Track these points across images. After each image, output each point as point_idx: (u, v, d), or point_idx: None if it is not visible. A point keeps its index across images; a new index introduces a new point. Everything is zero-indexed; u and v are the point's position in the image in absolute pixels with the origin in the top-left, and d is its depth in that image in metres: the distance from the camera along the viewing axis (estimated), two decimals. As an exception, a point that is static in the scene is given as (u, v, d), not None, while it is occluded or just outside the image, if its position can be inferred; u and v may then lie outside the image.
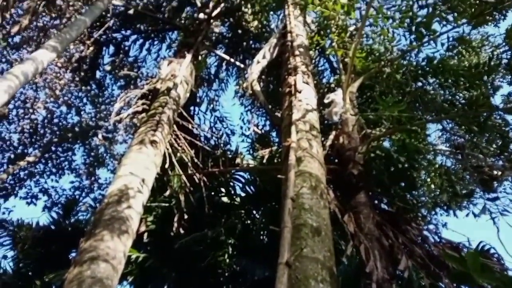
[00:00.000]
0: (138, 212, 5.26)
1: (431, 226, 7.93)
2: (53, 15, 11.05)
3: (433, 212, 9.77)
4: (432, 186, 9.44)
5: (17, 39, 12.31)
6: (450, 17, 6.85)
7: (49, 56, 5.94)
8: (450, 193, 9.23)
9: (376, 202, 6.79)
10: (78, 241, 4.74)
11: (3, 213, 14.07)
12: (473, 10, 7.30)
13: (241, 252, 7.47)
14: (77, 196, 15.00)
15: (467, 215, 8.96)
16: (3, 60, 13.21)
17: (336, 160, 7.14)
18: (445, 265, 5.52)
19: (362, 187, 6.20)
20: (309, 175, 4.50)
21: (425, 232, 6.54)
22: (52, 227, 10.03)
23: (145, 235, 7.58)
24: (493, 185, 9.29)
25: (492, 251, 6.29)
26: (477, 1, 7.01)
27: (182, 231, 7.55)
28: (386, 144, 8.51)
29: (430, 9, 6.10)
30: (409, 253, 5.59)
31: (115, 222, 4.76)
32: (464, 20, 7.33)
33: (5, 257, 9.88)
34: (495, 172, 9.27)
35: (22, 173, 15.01)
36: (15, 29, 8.68)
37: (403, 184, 6.95)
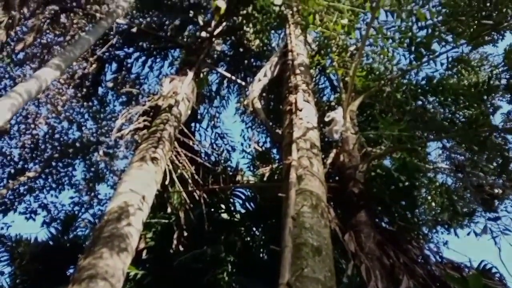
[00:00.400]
0: (138, 229, 5.23)
1: (432, 245, 7.89)
2: (57, 32, 11.21)
3: (434, 231, 9.74)
4: (433, 204, 9.42)
5: (20, 55, 12.46)
6: (449, 38, 6.95)
7: (52, 74, 6.01)
8: (450, 212, 9.21)
9: (376, 220, 6.77)
10: (76, 257, 4.72)
11: (2, 228, 13.99)
12: (471, 30, 7.40)
13: (241, 269, 7.40)
14: (76, 212, 14.95)
15: (468, 234, 8.93)
16: (6, 76, 13.33)
17: (337, 178, 7.15)
18: (447, 285, 5.47)
19: (362, 206, 6.20)
20: (309, 194, 4.51)
21: (427, 252, 6.50)
22: (51, 242, 9.95)
23: (144, 252, 7.53)
24: (494, 203, 9.28)
25: (494, 270, 6.25)
26: (476, 23, 7.12)
27: (181, 248, 7.50)
28: (387, 162, 8.54)
29: (429, 30, 6.18)
30: (410, 273, 5.54)
31: (115, 240, 4.73)
32: (463, 41, 7.43)
33: (2, 273, 9.79)
34: (496, 191, 9.27)
35: (21, 188, 14.98)
36: (20, 46, 8.82)
37: (403, 202, 6.94)
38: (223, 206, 8.40)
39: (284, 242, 3.59)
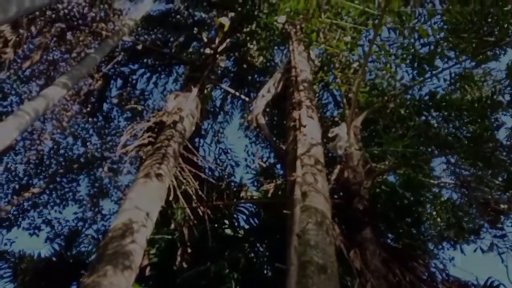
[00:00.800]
0: (142, 246, 5.22)
1: (438, 262, 7.80)
2: (63, 49, 11.37)
3: (439, 247, 9.63)
4: (438, 220, 9.34)
5: (27, 72, 12.62)
6: (452, 54, 6.99)
7: (59, 92, 6.08)
8: (456, 228, 9.12)
9: (381, 237, 6.71)
10: (79, 273, 4.71)
11: (5, 244, 13.97)
12: (473, 46, 7.44)
13: (245, 286, 7.32)
14: (80, 227, 14.93)
15: (474, 250, 8.83)
16: (13, 92, 13.49)
17: (341, 194, 7.11)
18: (453, 304, 5.40)
19: (367, 223, 6.15)
20: (314, 211, 4.49)
21: (433, 269, 6.43)
22: (54, 259, 9.89)
23: (148, 268, 7.48)
24: (500, 219, 9.18)
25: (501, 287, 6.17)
26: (478, 40, 7.16)
27: (185, 265, 7.45)
28: (391, 178, 8.50)
29: (432, 47, 6.24)
30: (416, 291, 5.49)
31: (119, 257, 4.72)
32: (465, 57, 7.47)
33: (4, 289, 9.71)
34: (501, 206, 9.18)
35: (26, 204, 15.01)
36: (27, 64, 8.95)
37: (408, 219, 6.89)
38: (226, 222, 8.36)
39: (289, 260, 3.58)
